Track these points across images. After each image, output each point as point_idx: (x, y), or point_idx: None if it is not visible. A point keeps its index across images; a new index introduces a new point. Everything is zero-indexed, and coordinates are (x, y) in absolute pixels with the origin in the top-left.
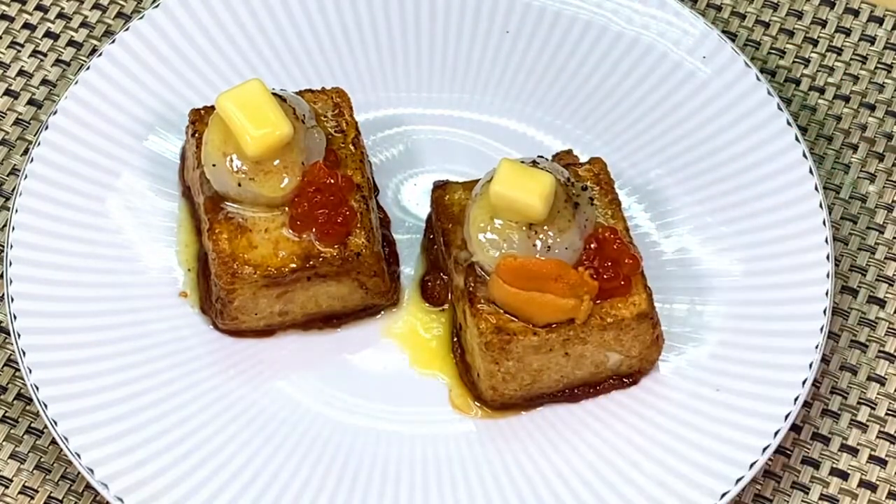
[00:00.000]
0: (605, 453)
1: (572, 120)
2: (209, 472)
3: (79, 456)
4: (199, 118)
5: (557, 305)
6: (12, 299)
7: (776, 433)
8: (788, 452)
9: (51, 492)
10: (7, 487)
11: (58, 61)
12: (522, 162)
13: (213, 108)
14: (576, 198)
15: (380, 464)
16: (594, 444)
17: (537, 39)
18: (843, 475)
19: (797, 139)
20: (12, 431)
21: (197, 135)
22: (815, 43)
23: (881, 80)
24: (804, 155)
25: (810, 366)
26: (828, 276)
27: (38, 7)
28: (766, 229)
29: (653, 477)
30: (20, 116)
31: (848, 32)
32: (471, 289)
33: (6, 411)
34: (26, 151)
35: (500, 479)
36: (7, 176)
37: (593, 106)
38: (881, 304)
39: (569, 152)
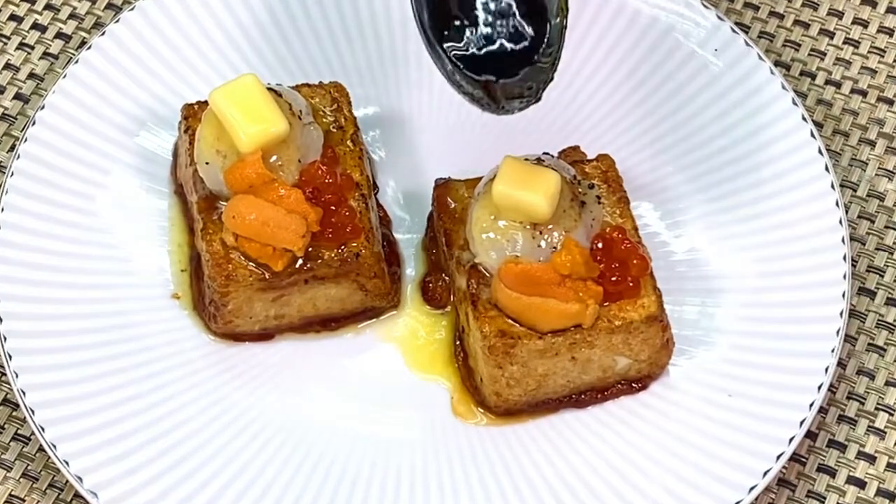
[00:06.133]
0: (613, 461)
1: (579, 115)
2: (202, 481)
3: (67, 464)
4: (193, 114)
5: (561, 310)
6: None
7: (791, 440)
8: (803, 460)
9: (38, 501)
10: None
11: (45, 54)
12: (527, 159)
13: (206, 103)
14: (582, 196)
15: (379, 471)
16: (602, 451)
17: None
18: (861, 483)
19: (812, 135)
20: None
21: (190, 131)
22: (831, 35)
23: None
24: (819, 151)
25: (826, 370)
26: (844, 277)
27: None
28: (780, 228)
29: (662, 486)
30: (6, 111)
31: (865, 24)
32: (473, 291)
33: None
34: (13, 148)
35: (504, 486)
36: None
37: (601, 100)
38: None
39: (575, 149)
